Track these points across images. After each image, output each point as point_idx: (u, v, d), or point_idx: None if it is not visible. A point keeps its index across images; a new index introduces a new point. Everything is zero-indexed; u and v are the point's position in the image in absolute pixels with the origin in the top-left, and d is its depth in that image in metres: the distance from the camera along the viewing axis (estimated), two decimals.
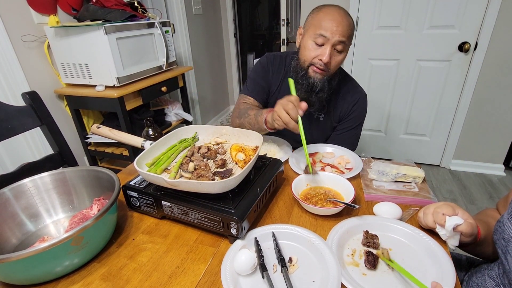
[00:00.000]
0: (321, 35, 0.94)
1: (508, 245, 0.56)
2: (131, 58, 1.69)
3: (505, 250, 0.57)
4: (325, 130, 1.18)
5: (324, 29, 0.94)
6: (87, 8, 1.69)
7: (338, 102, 1.13)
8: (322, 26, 0.94)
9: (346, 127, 1.15)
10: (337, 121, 1.16)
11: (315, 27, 0.96)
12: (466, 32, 1.94)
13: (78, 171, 0.77)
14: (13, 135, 0.95)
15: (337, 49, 0.96)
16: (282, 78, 1.15)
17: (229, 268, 0.57)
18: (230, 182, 0.63)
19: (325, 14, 0.95)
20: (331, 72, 1.01)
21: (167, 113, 2.23)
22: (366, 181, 0.85)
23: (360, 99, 1.13)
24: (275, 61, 1.15)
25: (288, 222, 0.72)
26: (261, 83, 1.14)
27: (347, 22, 0.94)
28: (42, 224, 0.73)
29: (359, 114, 1.14)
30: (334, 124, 1.17)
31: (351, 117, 1.13)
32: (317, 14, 0.97)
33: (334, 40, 0.94)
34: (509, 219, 0.58)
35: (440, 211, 0.61)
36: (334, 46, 0.95)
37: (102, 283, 0.57)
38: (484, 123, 2.15)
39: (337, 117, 1.15)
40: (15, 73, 1.54)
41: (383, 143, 2.50)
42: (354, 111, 1.13)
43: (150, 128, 0.98)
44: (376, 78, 2.29)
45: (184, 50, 2.72)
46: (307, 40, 0.99)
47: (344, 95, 1.13)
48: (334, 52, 0.97)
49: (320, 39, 0.95)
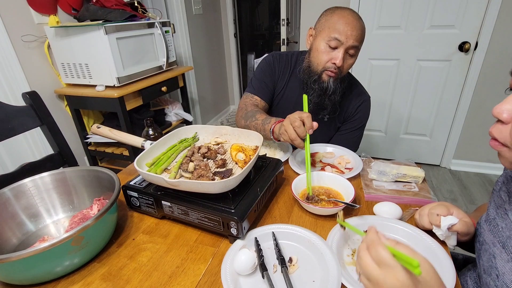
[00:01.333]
0: (336, 39, 0.93)
1: (481, 248, 0.56)
2: (131, 58, 1.70)
3: (478, 253, 0.56)
4: (329, 130, 1.18)
5: (339, 32, 0.93)
6: (87, 8, 1.69)
7: (343, 104, 1.13)
8: (336, 29, 0.93)
9: (349, 128, 1.15)
10: (341, 122, 1.17)
11: (329, 30, 0.95)
12: (466, 32, 1.94)
13: (78, 171, 0.77)
14: (13, 135, 0.95)
15: (349, 53, 0.96)
16: (288, 79, 1.14)
17: (229, 268, 0.57)
18: (230, 182, 0.63)
19: (340, 17, 0.94)
20: (342, 75, 1.01)
21: (167, 113, 2.23)
22: (366, 181, 0.85)
23: (365, 102, 1.13)
24: (282, 60, 1.14)
25: (288, 222, 0.72)
26: (267, 82, 1.13)
27: (360, 26, 0.94)
28: (42, 224, 0.73)
29: (362, 116, 1.14)
30: (338, 125, 1.17)
31: (355, 118, 1.14)
32: (331, 16, 0.96)
33: (348, 44, 0.93)
34: (486, 222, 0.58)
35: (435, 212, 0.61)
36: (347, 50, 0.95)
37: (102, 283, 0.57)
38: (484, 122, 2.15)
39: (341, 118, 1.15)
40: (15, 73, 1.55)
41: (383, 143, 2.50)
42: (359, 112, 1.13)
43: (150, 128, 0.98)
44: (376, 78, 2.29)
45: (184, 50, 2.72)
46: (320, 42, 0.98)
47: (350, 97, 1.13)
48: (347, 56, 0.97)
49: (334, 42, 0.94)
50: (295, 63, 1.13)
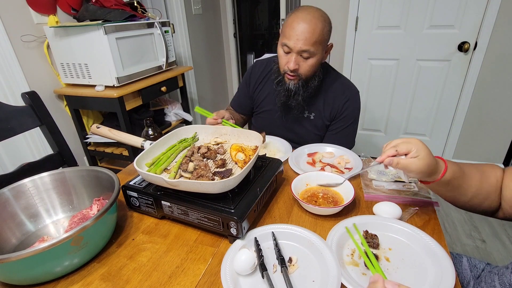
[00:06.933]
0: (285, 45, 0.97)
1: None
2: (130, 58, 1.69)
3: None
4: (317, 128, 1.18)
5: (287, 38, 0.96)
6: (86, 8, 1.69)
7: (327, 101, 1.13)
8: (285, 34, 0.96)
9: (340, 127, 1.15)
10: (329, 120, 1.16)
11: (282, 35, 0.99)
12: (465, 32, 1.94)
13: (78, 171, 0.77)
14: (12, 135, 0.95)
15: (303, 56, 0.97)
16: (266, 82, 1.20)
17: (229, 268, 0.57)
18: (230, 182, 0.63)
19: (291, 21, 0.95)
20: (304, 76, 1.03)
21: (166, 113, 2.23)
22: (366, 181, 0.85)
23: (351, 97, 1.12)
24: (260, 68, 1.22)
25: (288, 222, 0.72)
26: (241, 95, 1.29)
27: (311, 28, 0.92)
28: (41, 224, 0.73)
29: (351, 112, 1.13)
30: (326, 123, 1.17)
31: (343, 115, 1.13)
32: (287, 20, 0.98)
33: (297, 50, 0.95)
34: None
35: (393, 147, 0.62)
36: (300, 53, 0.97)
37: (102, 283, 0.57)
38: (484, 122, 2.15)
39: (328, 116, 1.15)
40: (15, 73, 1.54)
41: (383, 143, 2.49)
42: (346, 109, 1.12)
43: (149, 128, 0.98)
44: (376, 78, 2.29)
45: (184, 50, 2.71)
46: (279, 47, 1.02)
47: (334, 93, 1.13)
48: (300, 59, 0.98)
49: (285, 47, 0.98)
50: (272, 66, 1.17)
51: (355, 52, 2.25)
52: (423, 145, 0.62)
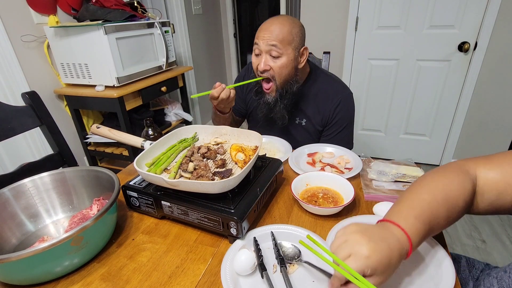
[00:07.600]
0: (255, 44, 0.99)
1: None
2: (130, 58, 1.69)
3: None
4: (310, 134, 1.17)
5: (257, 38, 0.99)
6: (86, 8, 1.69)
7: (318, 107, 1.12)
8: (256, 37, 1.00)
9: (333, 132, 1.13)
10: (321, 126, 1.15)
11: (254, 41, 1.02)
12: (465, 32, 1.94)
13: (78, 171, 0.77)
14: (13, 135, 0.95)
15: (272, 54, 0.98)
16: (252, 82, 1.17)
17: (229, 268, 0.57)
18: (230, 182, 0.63)
19: (262, 24, 0.99)
20: (279, 81, 1.02)
21: (167, 113, 2.23)
22: (366, 181, 0.85)
23: (342, 100, 1.10)
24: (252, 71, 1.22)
25: (288, 222, 0.72)
26: (236, 100, 1.21)
27: (278, 26, 0.96)
28: (41, 224, 0.73)
29: (344, 116, 1.11)
30: (318, 129, 1.15)
31: (335, 121, 1.12)
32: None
33: (264, 47, 0.97)
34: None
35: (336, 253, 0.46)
36: (269, 52, 0.98)
37: (102, 283, 0.57)
38: (484, 123, 2.15)
39: (319, 122, 1.14)
40: (15, 73, 1.54)
41: (383, 143, 2.51)
42: (337, 114, 1.11)
43: (149, 128, 0.98)
44: (376, 78, 2.29)
45: (184, 50, 2.72)
46: (252, 55, 1.04)
47: (324, 99, 1.11)
48: (271, 59, 0.99)
49: (256, 49, 1.00)
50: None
51: (355, 52, 2.25)
52: (367, 246, 0.44)
